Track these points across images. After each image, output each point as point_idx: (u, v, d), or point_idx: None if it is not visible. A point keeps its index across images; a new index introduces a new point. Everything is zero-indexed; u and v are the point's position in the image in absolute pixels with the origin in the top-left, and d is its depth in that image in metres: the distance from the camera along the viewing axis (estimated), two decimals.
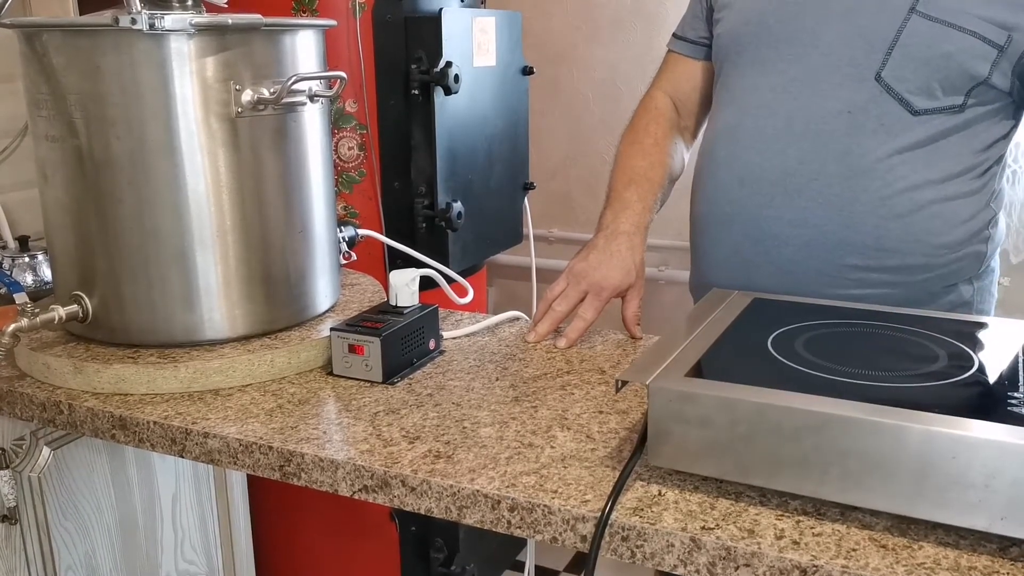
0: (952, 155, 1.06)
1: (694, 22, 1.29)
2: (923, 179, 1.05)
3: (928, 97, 1.04)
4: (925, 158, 1.05)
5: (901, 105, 1.04)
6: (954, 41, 1.01)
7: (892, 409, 0.69)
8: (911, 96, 1.04)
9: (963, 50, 1.01)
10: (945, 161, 1.05)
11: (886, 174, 1.05)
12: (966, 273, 1.10)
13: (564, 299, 1.14)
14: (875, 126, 1.05)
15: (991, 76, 1.02)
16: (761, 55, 1.14)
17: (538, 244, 2.53)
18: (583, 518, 0.73)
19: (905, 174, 1.05)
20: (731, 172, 1.15)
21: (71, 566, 1.24)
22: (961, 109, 1.04)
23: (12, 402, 1.03)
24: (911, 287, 1.08)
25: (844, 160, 1.06)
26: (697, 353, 0.82)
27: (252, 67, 1.01)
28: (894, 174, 1.05)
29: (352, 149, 1.64)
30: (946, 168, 1.06)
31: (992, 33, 1.00)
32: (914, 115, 1.04)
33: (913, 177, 1.05)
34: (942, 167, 1.05)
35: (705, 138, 1.23)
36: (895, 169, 1.05)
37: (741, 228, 1.14)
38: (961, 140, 1.06)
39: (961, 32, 1.01)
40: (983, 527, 0.65)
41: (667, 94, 1.32)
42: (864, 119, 1.05)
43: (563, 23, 2.66)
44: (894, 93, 1.04)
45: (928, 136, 1.05)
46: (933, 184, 1.05)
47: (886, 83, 1.04)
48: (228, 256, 1.04)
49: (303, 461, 0.85)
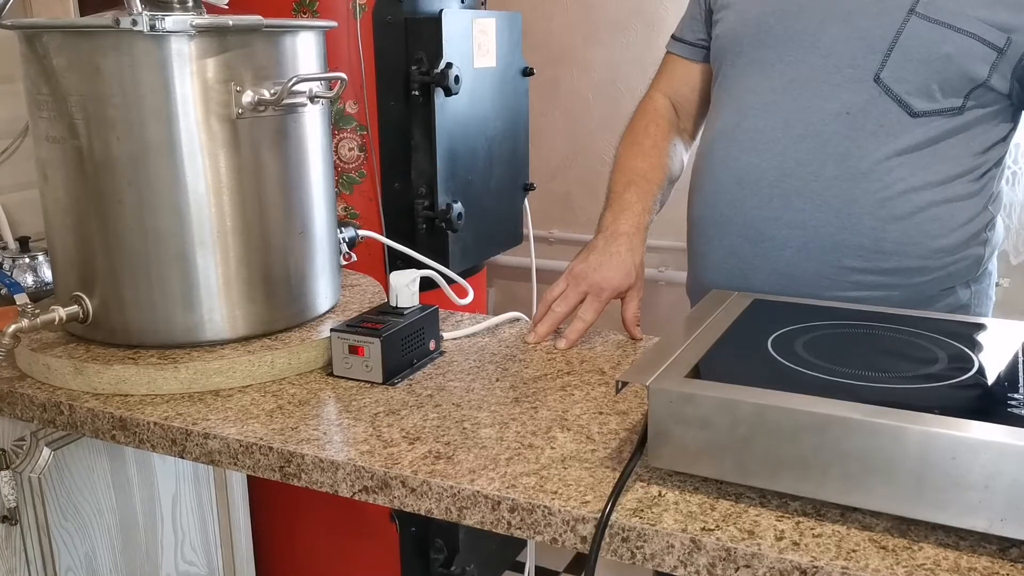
0: (951, 157, 1.05)
1: (692, 24, 1.29)
2: (922, 181, 1.05)
3: (927, 99, 1.03)
4: (924, 160, 1.05)
5: (900, 107, 1.04)
6: (953, 43, 1.01)
7: (892, 410, 0.69)
8: (910, 98, 1.04)
9: (962, 52, 1.01)
10: (944, 163, 1.05)
11: (885, 176, 1.05)
12: (963, 276, 1.10)
13: (564, 300, 1.14)
14: (874, 128, 1.05)
15: (990, 78, 1.02)
16: (760, 56, 1.13)
17: (538, 245, 2.53)
18: (583, 519, 0.73)
19: (904, 176, 1.05)
20: (729, 173, 1.14)
21: (71, 567, 1.25)
22: (960, 111, 1.04)
23: (12, 403, 1.03)
24: (908, 290, 1.08)
25: (843, 162, 1.06)
26: (697, 354, 0.82)
27: (253, 68, 1.01)
28: (893, 176, 1.05)
29: (352, 150, 1.64)
30: (945, 170, 1.05)
31: (991, 35, 1.00)
32: (913, 117, 1.04)
33: (912, 179, 1.05)
34: (941, 169, 1.05)
35: (703, 139, 1.23)
36: (894, 171, 1.05)
37: (739, 230, 1.14)
38: (960, 142, 1.05)
39: (960, 34, 1.01)
40: (983, 528, 0.65)
41: (666, 96, 1.32)
42: (863, 120, 1.05)
43: (563, 24, 2.66)
44: (893, 95, 1.04)
45: (927, 138, 1.05)
46: (932, 186, 1.05)
47: (885, 84, 1.04)
48: (228, 257, 1.04)
49: (303, 462, 0.85)
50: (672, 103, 1.31)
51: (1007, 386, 0.74)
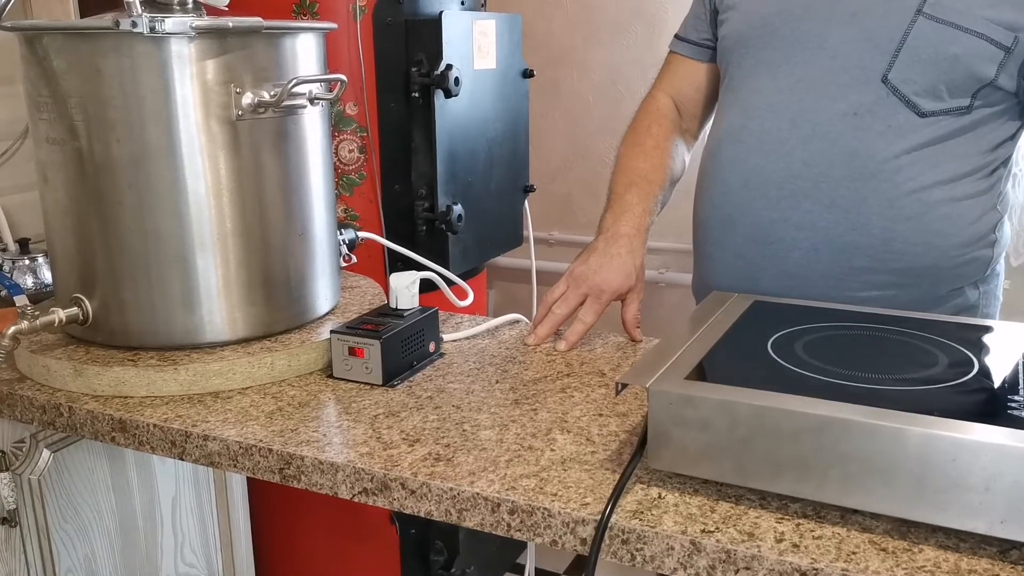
0: (960, 156, 1.05)
1: (697, 23, 1.28)
2: (931, 180, 1.05)
3: (935, 99, 1.03)
4: (933, 159, 1.05)
5: (908, 107, 1.04)
6: (961, 43, 1.01)
7: (892, 412, 0.68)
8: (918, 98, 1.04)
9: (970, 52, 1.01)
10: (953, 162, 1.05)
11: (894, 175, 1.05)
12: (972, 276, 1.10)
13: (564, 302, 1.14)
14: (882, 128, 1.05)
15: (998, 78, 1.02)
16: (767, 57, 1.13)
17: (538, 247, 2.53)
18: (583, 521, 0.73)
19: (913, 175, 1.05)
20: (736, 174, 1.14)
21: (71, 569, 1.24)
22: (968, 110, 1.04)
23: (12, 404, 1.03)
24: (917, 290, 1.07)
25: (851, 162, 1.06)
26: (697, 356, 0.82)
27: (253, 70, 1.01)
28: (902, 175, 1.05)
29: (352, 152, 1.64)
30: (954, 169, 1.05)
31: (999, 35, 1.00)
32: (921, 117, 1.04)
33: (921, 178, 1.05)
34: (950, 168, 1.05)
35: (710, 140, 1.23)
36: (903, 171, 1.05)
37: (746, 231, 1.13)
38: (968, 141, 1.05)
39: (968, 34, 1.00)
40: (983, 530, 0.65)
41: (669, 95, 1.31)
42: (871, 121, 1.05)
43: (563, 26, 2.66)
44: (901, 95, 1.04)
45: (935, 137, 1.04)
46: (941, 185, 1.05)
47: (893, 85, 1.04)
48: (228, 259, 1.04)
49: (303, 464, 0.85)
50: (675, 103, 1.31)
51: (1007, 388, 0.74)
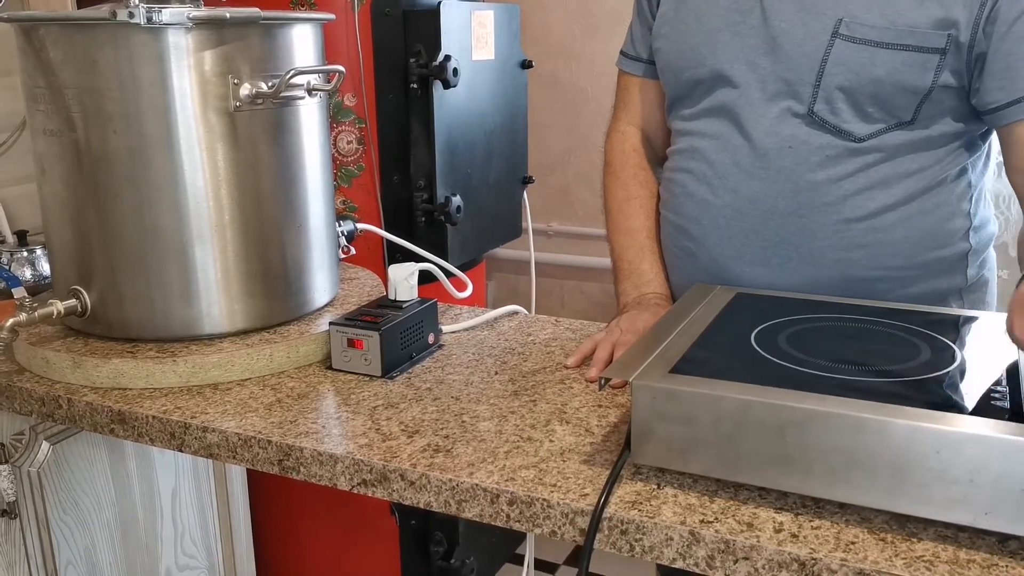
0: (913, 172, 1.00)
1: (646, 39, 1.18)
2: (880, 204, 1.00)
3: (868, 121, 0.98)
4: (881, 181, 0.99)
5: (841, 136, 0.99)
6: (882, 62, 0.95)
7: (875, 404, 0.68)
8: (849, 125, 0.98)
9: (895, 69, 0.94)
10: (904, 181, 1.00)
11: (839, 206, 1.00)
12: (952, 288, 1.05)
13: (603, 347, 1.04)
14: (820, 159, 1.00)
15: (938, 81, 0.95)
16: (701, 89, 1.07)
17: (537, 238, 2.53)
18: (582, 512, 0.73)
19: (860, 203, 1.00)
20: (688, 208, 1.09)
21: (71, 560, 1.25)
22: (911, 123, 0.98)
23: (11, 397, 1.03)
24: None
25: (795, 197, 1.01)
26: (681, 349, 0.82)
27: (250, 61, 1.01)
28: (848, 204, 1.00)
29: (351, 143, 1.64)
30: (906, 188, 1.00)
31: (929, 39, 0.93)
32: (858, 142, 0.99)
33: (869, 205, 1.00)
34: (901, 188, 1.00)
35: (668, 162, 1.16)
36: (848, 200, 1.00)
37: (702, 264, 1.09)
38: (920, 154, 1.00)
39: (889, 50, 0.94)
40: (968, 522, 0.65)
41: (637, 128, 1.24)
42: (807, 153, 1.00)
43: (562, 17, 2.65)
44: (830, 126, 0.99)
45: (880, 157, 0.99)
46: (894, 209, 1.00)
47: (820, 117, 0.99)
48: (226, 251, 1.04)
49: (302, 455, 0.85)
50: (644, 134, 1.24)
51: (990, 379, 0.74)
